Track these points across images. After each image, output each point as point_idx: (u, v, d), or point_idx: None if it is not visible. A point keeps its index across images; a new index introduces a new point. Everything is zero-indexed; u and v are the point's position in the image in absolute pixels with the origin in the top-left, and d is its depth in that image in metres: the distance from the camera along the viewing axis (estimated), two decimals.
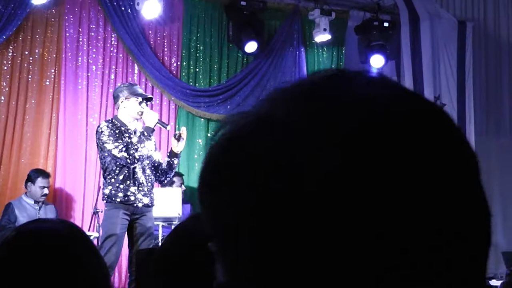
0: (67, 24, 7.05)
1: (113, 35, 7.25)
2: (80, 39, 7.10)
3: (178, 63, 7.57)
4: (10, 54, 6.84)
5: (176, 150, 5.35)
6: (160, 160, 5.40)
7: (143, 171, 5.25)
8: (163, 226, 6.11)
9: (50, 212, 6.24)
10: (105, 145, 5.11)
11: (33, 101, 6.88)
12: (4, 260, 1.41)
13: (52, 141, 6.91)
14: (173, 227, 1.93)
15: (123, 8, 7.12)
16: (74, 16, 7.09)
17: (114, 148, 5.08)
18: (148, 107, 5.44)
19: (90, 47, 7.14)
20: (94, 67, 7.13)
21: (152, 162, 5.35)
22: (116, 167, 5.16)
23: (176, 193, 6.27)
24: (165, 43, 7.55)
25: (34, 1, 6.65)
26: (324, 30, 7.75)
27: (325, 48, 8.14)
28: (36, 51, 6.93)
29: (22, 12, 6.70)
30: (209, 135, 6.27)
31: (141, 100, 5.31)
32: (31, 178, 6.27)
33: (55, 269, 1.37)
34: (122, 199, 5.13)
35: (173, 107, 7.52)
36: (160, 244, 1.91)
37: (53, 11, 6.99)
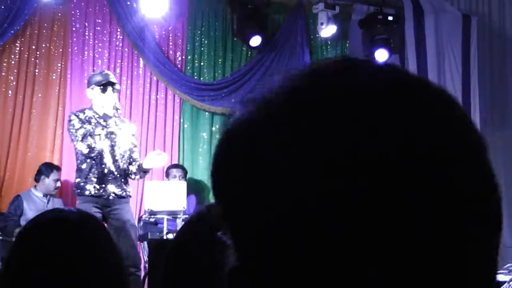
0: (74, 19, 7.10)
1: (119, 30, 7.28)
2: (86, 34, 7.14)
3: (183, 57, 7.60)
4: (18, 49, 6.89)
5: (145, 166, 5.34)
6: (134, 156, 5.35)
7: (114, 161, 5.16)
8: (168, 220, 6.13)
9: (58, 206, 6.28)
10: (71, 135, 5.15)
11: (40, 95, 6.93)
12: (24, 248, 1.44)
13: (58, 135, 6.96)
14: (187, 219, 1.94)
15: (129, 3, 7.15)
16: (81, 11, 7.13)
17: (75, 138, 5.10)
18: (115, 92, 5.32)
19: (96, 42, 7.18)
20: (100, 61, 7.17)
21: (128, 153, 5.29)
22: (84, 157, 5.12)
23: (181, 186, 6.28)
24: (170, 37, 7.58)
25: None
26: (328, 24, 7.75)
27: (329, 42, 8.14)
28: (43, 46, 6.98)
29: (30, 8, 6.75)
30: (214, 129, 6.28)
31: (103, 87, 5.21)
32: (44, 172, 6.34)
33: (71, 256, 1.40)
34: (91, 192, 5.07)
35: (178, 101, 7.54)
36: (174, 236, 1.94)
37: (60, 6, 7.02)
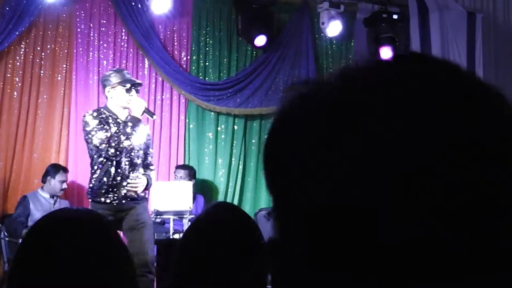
0: (78, 20, 7.10)
1: (123, 30, 7.28)
2: (91, 35, 7.14)
3: (188, 57, 7.60)
4: (23, 50, 6.89)
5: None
6: (149, 160, 5.11)
7: (130, 165, 4.90)
8: (174, 220, 6.13)
9: (65, 206, 6.29)
10: (89, 135, 4.82)
11: (45, 96, 6.94)
12: (33, 247, 1.43)
13: (64, 136, 6.96)
14: (194, 218, 1.94)
15: (133, 3, 7.15)
16: (85, 12, 7.13)
17: (96, 139, 4.77)
18: (138, 94, 5.10)
19: (101, 42, 7.18)
20: (105, 62, 7.16)
21: (143, 157, 5.03)
22: (100, 160, 4.83)
23: (187, 187, 6.29)
24: (175, 37, 7.57)
25: None
26: (329, 24, 7.73)
27: (334, 41, 8.13)
28: (48, 47, 6.98)
29: (34, 9, 6.75)
30: (220, 129, 6.26)
31: (129, 88, 4.95)
32: (51, 173, 6.35)
33: (81, 256, 1.39)
34: (105, 199, 4.81)
35: (183, 101, 7.54)
36: (183, 235, 1.93)
37: (65, 8, 7.02)
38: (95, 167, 4.86)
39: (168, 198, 6.08)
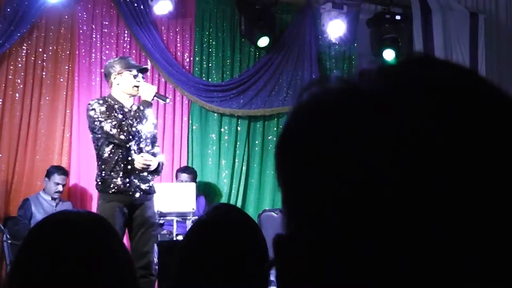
0: (81, 21, 7.08)
1: (126, 32, 7.27)
2: (94, 36, 7.13)
3: (191, 58, 7.59)
4: (24, 52, 6.88)
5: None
6: (156, 150, 4.93)
7: (140, 152, 4.73)
8: (178, 222, 6.13)
9: (67, 209, 6.28)
10: (96, 123, 4.63)
11: (47, 98, 6.92)
12: (31, 250, 1.43)
13: (67, 138, 6.94)
14: (196, 220, 1.94)
15: (136, 4, 7.14)
16: (87, 13, 7.12)
17: (106, 124, 4.59)
18: (144, 80, 4.94)
19: (104, 44, 7.17)
20: None
21: (150, 144, 4.85)
22: (109, 149, 4.64)
23: (190, 188, 6.29)
24: (178, 39, 7.56)
25: None
26: (336, 24, 7.74)
27: (337, 42, 8.12)
28: (50, 48, 6.97)
29: (36, 10, 6.74)
30: (223, 130, 6.26)
31: (136, 74, 4.80)
32: (48, 174, 6.33)
33: (82, 258, 1.39)
34: (117, 188, 4.62)
35: (186, 102, 7.53)
36: (184, 237, 1.93)
37: (67, 9, 7.01)
38: (104, 157, 4.66)
39: (171, 200, 6.08)
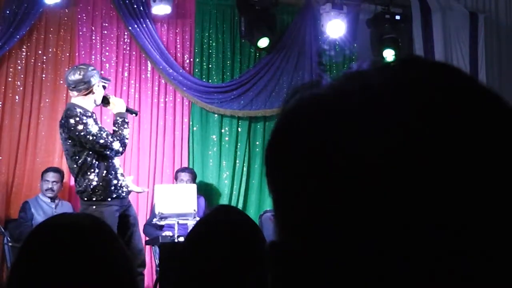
0: (80, 23, 7.08)
1: (126, 33, 7.27)
2: (93, 38, 7.13)
3: (191, 60, 7.58)
4: (24, 54, 6.88)
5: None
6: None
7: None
8: (178, 223, 6.12)
9: (67, 210, 6.27)
10: (89, 137, 4.65)
11: (47, 100, 6.92)
12: (30, 253, 1.42)
13: None
14: (198, 220, 1.93)
15: (135, 6, 7.14)
16: (87, 15, 7.12)
17: (115, 143, 4.74)
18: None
19: (103, 45, 7.17)
20: (108, 65, 7.16)
21: None
22: (96, 160, 4.71)
23: (191, 189, 6.27)
24: (178, 40, 7.56)
25: (47, 1, 6.68)
26: (336, 24, 7.73)
27: (337, 42, 8.12)
28: (50, 50, 6.97)
29: (35, 12, 6.74)
30: (223, 131, 6.25)
31: (106, 85, 5.04)
32: (42, 174, 6.37)
33: (82, 261, 1.38)
34: (114, 193, 4.75)
35: (187, 104, 7.53)
36: (185, 238, 1.92)
37: (66, 10, 7.01)
38: (93, 169, 4.71)
39: (172, 201, 6.07)
